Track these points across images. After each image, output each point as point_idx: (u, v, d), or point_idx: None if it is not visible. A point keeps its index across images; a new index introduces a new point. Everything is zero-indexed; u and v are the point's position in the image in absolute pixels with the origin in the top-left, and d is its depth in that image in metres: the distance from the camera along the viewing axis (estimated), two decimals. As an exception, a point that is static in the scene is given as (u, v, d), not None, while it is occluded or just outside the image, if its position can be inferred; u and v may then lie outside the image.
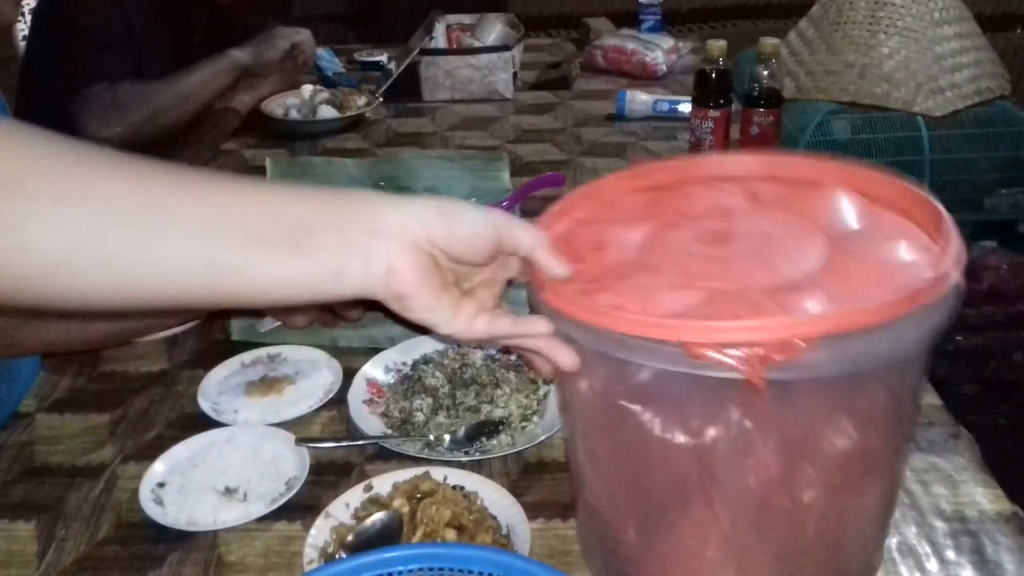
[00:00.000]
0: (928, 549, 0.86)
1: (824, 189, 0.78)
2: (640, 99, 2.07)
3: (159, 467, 1.01)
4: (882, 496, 0.73)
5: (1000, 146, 2.35)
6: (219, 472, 1.00)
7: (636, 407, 0.64)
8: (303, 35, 2.08)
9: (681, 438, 0.63)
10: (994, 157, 2.36)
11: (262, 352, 1.22)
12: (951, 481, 0.95)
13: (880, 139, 2.24)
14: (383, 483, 0.95)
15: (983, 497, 0.92)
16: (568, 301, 0.66)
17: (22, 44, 5.98)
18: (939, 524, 0.89)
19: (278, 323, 1.24)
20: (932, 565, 0.84)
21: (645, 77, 2.32)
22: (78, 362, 1.24)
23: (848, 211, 0.76)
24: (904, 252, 0.69)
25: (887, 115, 2.28)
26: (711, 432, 0.62)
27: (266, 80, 2.13)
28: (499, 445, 1.02)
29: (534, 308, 0.72)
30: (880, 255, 0.69)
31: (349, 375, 1.15)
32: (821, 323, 0.58)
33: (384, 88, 2.23)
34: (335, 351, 1.21)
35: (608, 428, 0.70)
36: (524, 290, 0.75)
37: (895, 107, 2.26)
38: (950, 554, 0.86)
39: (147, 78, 1.90)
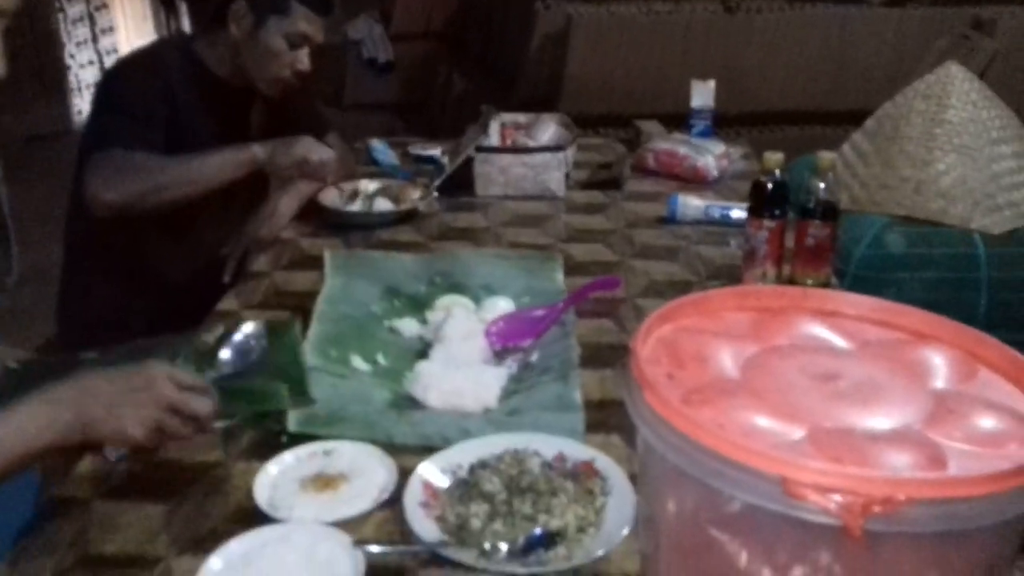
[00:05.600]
0: None
1: (933, 344, 0.79)
2: (692, 204, 2.08)
3: (215, 564, 1.01)
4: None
5: (1060, 266, 2.31)
6: (274, 573, 0.99)
7: (725, 536, 0.64)
8: (324, 153, 1.98)
9: (767, 574, 0.62)
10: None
11: (318, 447, 1.23)
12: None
13: (936, 254, 2.22)
14: (440, 593, 0.94)
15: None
16: (671, 409, 0.67)
17: (76, 118, 6.22)
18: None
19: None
20: None
21: (696, 181, 2.35)
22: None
23: (955, 369, 0.76)
24: (1009, 419, 0.69)
25: (943, 230, 2.27)
26: (797, 572, 0.61)
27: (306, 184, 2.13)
28: (555, 558, 1.01)
29: (634, 409, 0.72)
30: (985, 418, 0.69)
31: (404, 473, 1.15)
32: (927, 485, 0.59)
33: (438, 182, 2.26)
34: (390, 448, 1.22)
35: (693, 553, 0.69)
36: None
37: (951, 223, 2.26)
38: None
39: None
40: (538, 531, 1.04)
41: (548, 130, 2.41)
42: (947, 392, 0.74)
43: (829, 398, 0.72)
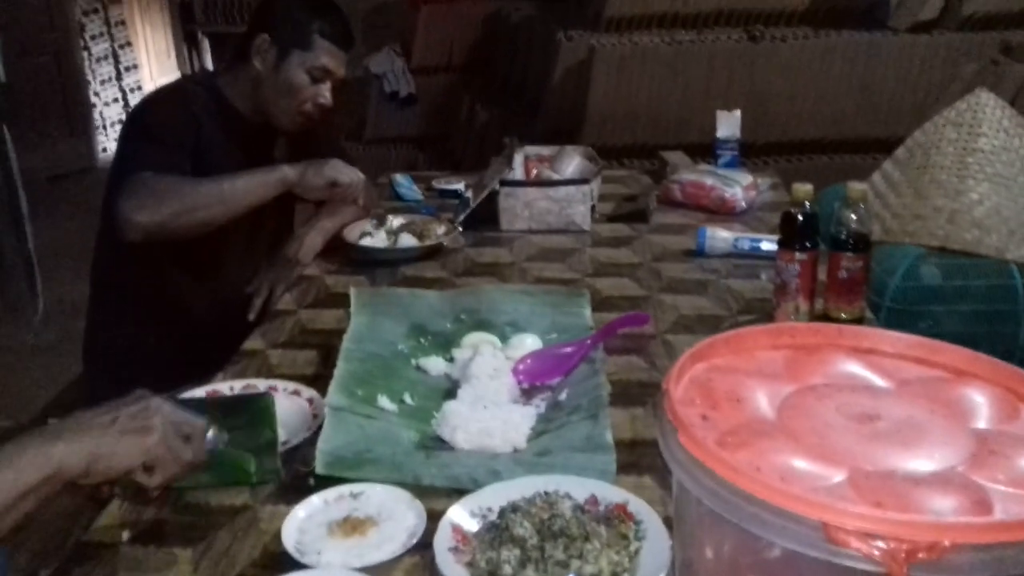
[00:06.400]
0: None
1: (973, 382, 0.77)
2: (721, 236, 2.06)
3: (243, 612, 0.99)
4: None
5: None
6: (303, 620, 0.98)
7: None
8: (353, 175, 2.02)
9: (807, 623, 0.60)
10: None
11: (345, 489, 1.21)
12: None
13: (972, 286, 2.19)
14: (472, 643, 0.92)
15: None
16: (706, 451, 0.65)
17: (101, 156, 6.29)
18: None
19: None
20: None
21: (724, 213, 2.33)
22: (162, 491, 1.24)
23: (996, 408, 0.74)
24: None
25: (979, 261, 2.24)
26: (840, 622, 0.59)
27: (340, 212, 2.15)
28: (590, 605, 0.99)
29: (668, 451, 0.70)
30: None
31: (433, 516, 1.13)
32: (973, 530, 0.57)
33: (463, 217, 2.26)
34: (418, 491, 1.20)
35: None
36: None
37: (987, 254, 2.22)
38: None
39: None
40: (571, 578, 1.02)
41: (572, 162, 2.40)
42: (989, 432, 0.72)
43: (868, 439, 0.70)
